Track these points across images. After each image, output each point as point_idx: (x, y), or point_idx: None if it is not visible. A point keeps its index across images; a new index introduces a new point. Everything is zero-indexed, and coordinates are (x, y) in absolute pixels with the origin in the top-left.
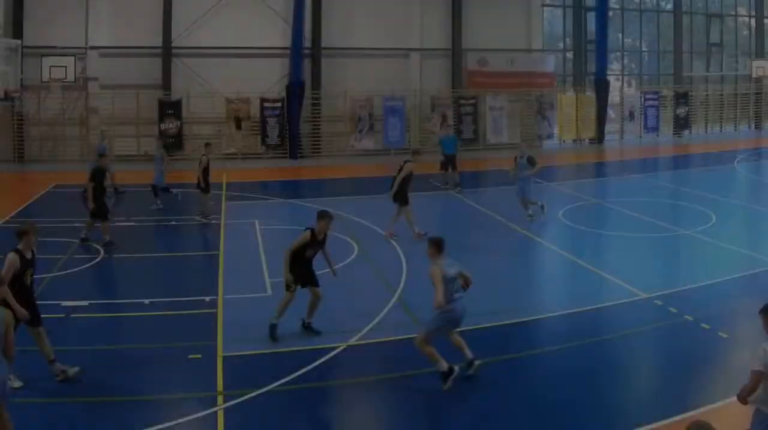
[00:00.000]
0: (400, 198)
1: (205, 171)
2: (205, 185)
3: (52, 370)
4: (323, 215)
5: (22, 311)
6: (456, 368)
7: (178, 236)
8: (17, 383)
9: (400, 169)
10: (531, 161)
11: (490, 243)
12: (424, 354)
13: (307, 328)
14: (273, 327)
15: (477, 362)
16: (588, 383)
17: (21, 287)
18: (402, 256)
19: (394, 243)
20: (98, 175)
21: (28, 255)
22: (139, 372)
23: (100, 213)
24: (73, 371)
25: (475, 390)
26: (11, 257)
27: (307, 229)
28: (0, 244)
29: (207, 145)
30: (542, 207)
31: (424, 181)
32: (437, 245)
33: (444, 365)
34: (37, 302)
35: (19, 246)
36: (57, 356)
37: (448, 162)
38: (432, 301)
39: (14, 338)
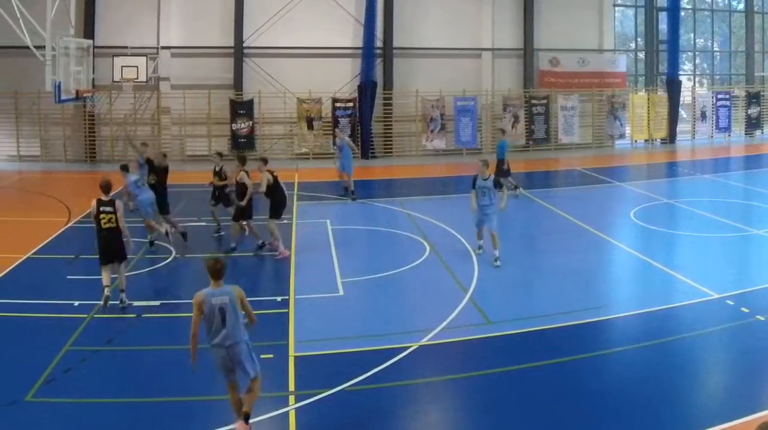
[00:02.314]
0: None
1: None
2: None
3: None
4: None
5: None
6: None
7: (249, 236)
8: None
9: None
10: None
11: (562, 243)
12: None
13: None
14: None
15: None
16: (659, 383)
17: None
18: (474, 256)
19: (466, 243)
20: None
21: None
22: (211, 372)
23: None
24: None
25: (547, 390)
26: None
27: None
28: (76, 242)
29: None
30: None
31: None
32: None
33: None
34: (109, 302)
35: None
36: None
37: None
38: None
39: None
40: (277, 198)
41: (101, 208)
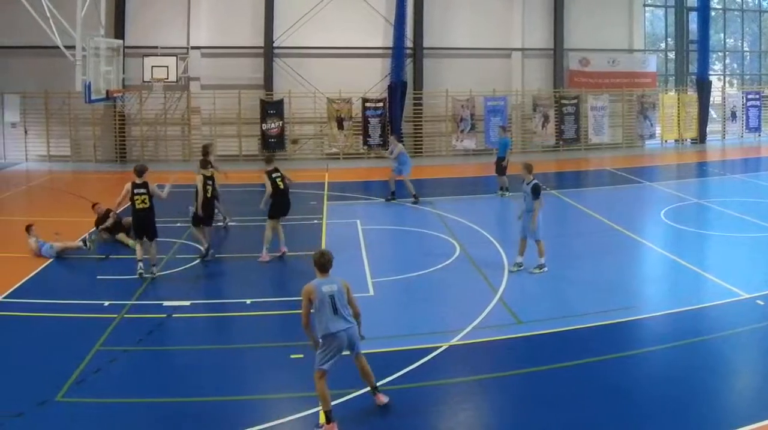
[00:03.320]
0: None
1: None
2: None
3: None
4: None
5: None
6: None
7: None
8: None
9: None
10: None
11: (593, 243)
12: None
13: None
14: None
15: None
16: (689, 383)
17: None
18: (504, 256)
19: (496, 243)
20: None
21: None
22: (241, 372)
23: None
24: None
25: (577, 390)
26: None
27: None
28: (105, 242)
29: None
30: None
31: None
32: None
33: None
34: (139, 302)
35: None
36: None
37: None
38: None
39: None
40: (274, 198)
41: (135, 190)
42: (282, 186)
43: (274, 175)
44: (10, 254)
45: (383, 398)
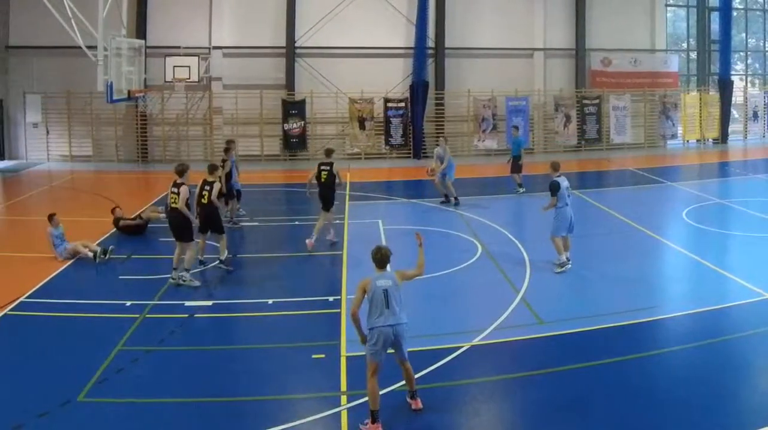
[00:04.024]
0: None
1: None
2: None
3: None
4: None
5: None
6: None
7: (302, 236)
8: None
9: None
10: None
11: (614, 243)
12: None
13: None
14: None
15: None
16: (711, 383)
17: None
18: (526, 256)
19: (518, 243)
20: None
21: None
22: (263, 372)
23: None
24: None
25: (599, 390)
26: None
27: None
28: (128, 242)
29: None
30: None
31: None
32: None
33: None
34: (161, 302)
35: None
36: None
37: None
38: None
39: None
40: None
41: (171, 189)
42: (323, 179)
43: (322, 167)
44: (32, 254)
45: (419, 404)
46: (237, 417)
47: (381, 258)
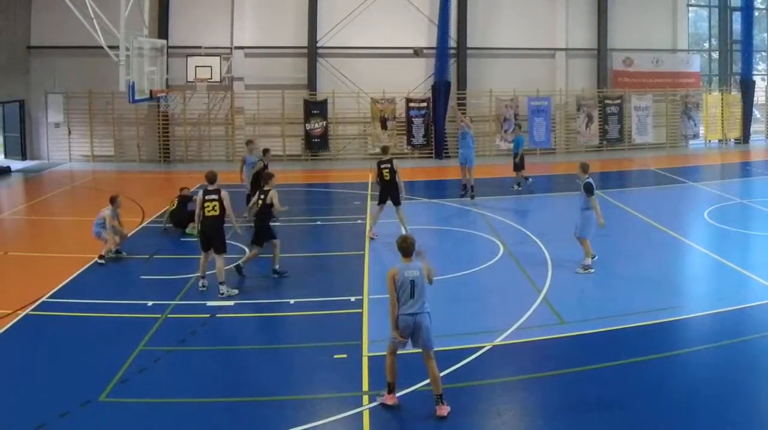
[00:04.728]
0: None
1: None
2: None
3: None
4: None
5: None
6: None
7: (323, 236)
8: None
9: None
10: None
11: (636, 243)
12: None
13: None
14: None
15: None
16: (733, 383)
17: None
18: (548, 256)
19: (540, 243)
20: None
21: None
22: (284, 372)
23: None
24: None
25: (621, 390)
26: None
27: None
28: (149, 242)
29: (265, 151)
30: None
31: (570, 181)
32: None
33: None
34: (183, 302)
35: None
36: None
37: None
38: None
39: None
40: (381, 186)
41: (206, 197)
42: (388, 178)
43: (382, 165)
44: (54, 254)
45: (444, 411)
46: (259, 417)
47: (407, 247)
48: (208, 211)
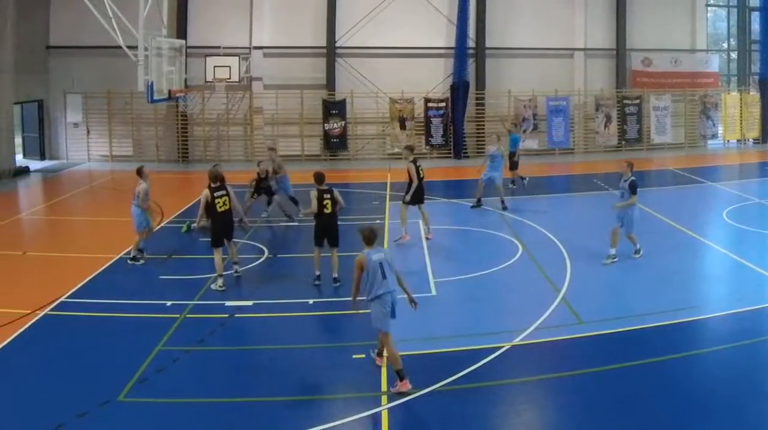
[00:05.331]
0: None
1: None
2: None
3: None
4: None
5: None
6: None
7: (342, 236)
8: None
9: None
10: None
11: (655, 243)
12: None
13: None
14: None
15: None
16: (751, 383)
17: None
18: (566, 256)
19: (558, 243)
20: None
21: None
22: (303, 372)
23: None
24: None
25: (640, 390)
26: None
27: None
28: (168, 242)
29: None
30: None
31: (588, 181)
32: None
33: None
34: (201, 302)
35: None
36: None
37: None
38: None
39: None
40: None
41: (215, 194)
42: (422, 175)
43: (418, 163)
44: (72, 254)
45: (403, 387)
46: (277, 417)
47: (371, 236)
48: (220, 207)
